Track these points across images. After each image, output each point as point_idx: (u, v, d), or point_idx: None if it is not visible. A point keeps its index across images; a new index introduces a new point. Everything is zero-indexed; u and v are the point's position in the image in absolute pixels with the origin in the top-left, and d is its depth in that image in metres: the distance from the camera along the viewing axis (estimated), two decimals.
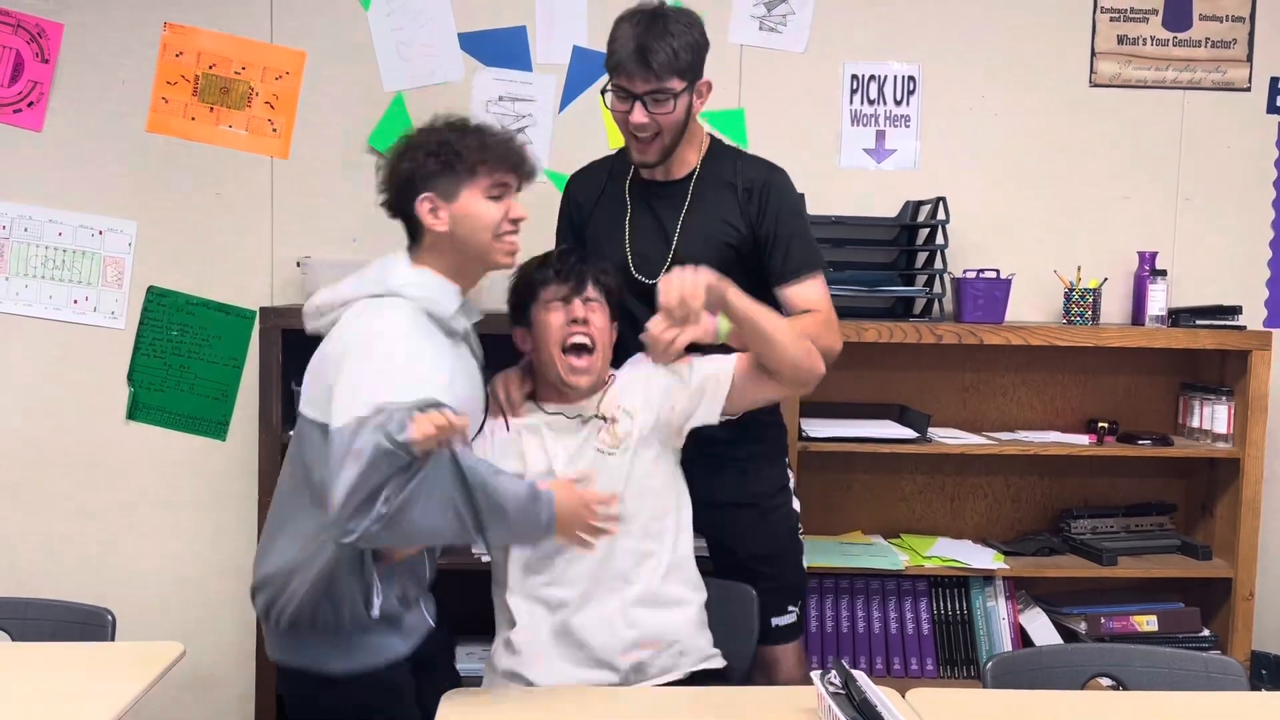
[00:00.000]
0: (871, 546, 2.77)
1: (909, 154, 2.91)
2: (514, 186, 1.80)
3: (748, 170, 2.06)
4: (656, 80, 1.90)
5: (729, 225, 2.03)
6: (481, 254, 1.78)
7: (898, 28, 2.87)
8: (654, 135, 1.95)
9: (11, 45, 2.74)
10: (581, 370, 1.90)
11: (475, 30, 2.80)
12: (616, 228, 2.09)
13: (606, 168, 2.17)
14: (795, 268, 2.02)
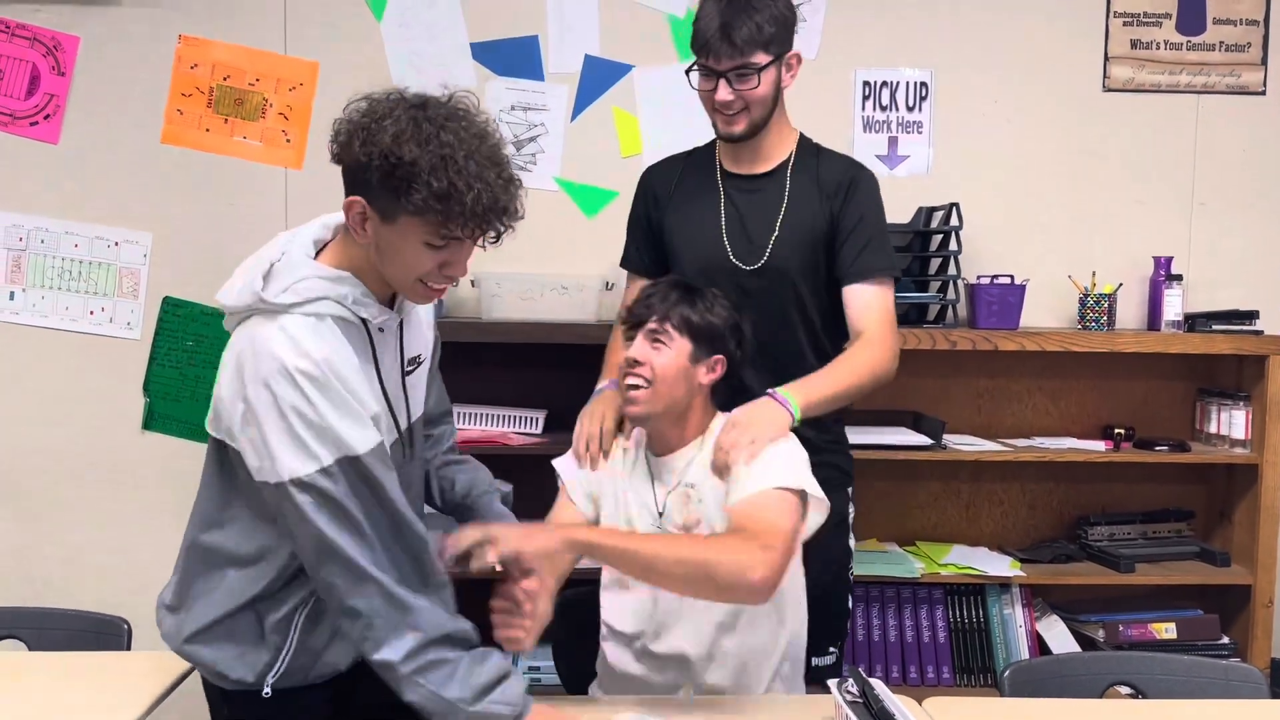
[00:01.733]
0: (887, 554, 2.76)
1: (921, 160, 2.90)
2: (469, 243, 1.46)
3: (833, 167, 2.04)
4: (741, 56, 1.87)
5: (817, 221, 2.01)
6: (396, 287, 1.50)
7: (909, 34, 2.87)
8: (741, 109, 1.93)
9: (28, 59, 2.76)
10: (630, 401, 1.80)
11: (487, 40, 2.81)
12: (710, 216, 2.04)
13: (683, 160, 2.14)
14: (864, 268, 1.99)
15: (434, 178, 1.36)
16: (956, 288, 2.73)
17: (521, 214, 1.45)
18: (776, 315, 2.02)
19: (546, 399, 2.69)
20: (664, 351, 1.79)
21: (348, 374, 1.43)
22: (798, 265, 2.01)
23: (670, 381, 1.79)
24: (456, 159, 1.37)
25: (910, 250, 2.78)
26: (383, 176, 1.37)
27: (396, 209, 1.39)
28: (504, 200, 1.41)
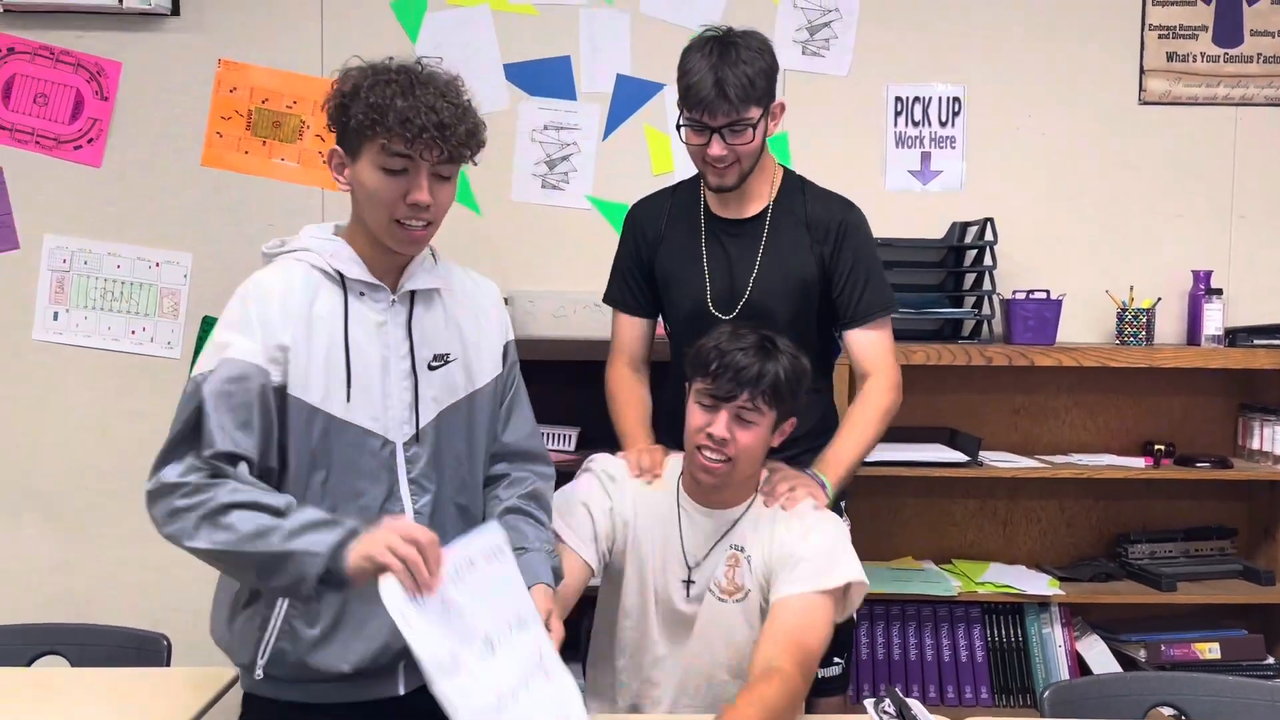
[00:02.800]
0: (923, 572, 2.73)
1: (955, 175, 2.89)
2: (422, 162, 1.47)
3: (820, 207, 2.03)
4: (736, 112, 1.86)
5: (803, 264, 2.01)
6: (378, 234, 1.52)
7: (941, 49, 2.86)
8: (732, 162, 1.93)
9: (72, 84, 2.82)
10: (711, 471, 1.74)
11: (520, 61, 2.84)
12: (693, 262, 2.04)
13: (669, 198, 2.13)
14: (864, 312, 2.01)
15: (370, 93, 1.45)
16: (991, 303, 2.71)
17: (479, 139, 1.51)
18: None
19: (579, 416, 2.70)
20: (752, 430, 1.73)
21: (272, 298, 1.48)
22: (779, 307, 2.00)
23: (752, 457, 1.75)
24: (396, 81, 1.46)
25: (943, 266, 2.77)
26: (338, 112, 1.49)
27: (355, 140, 1.48)
28: (446, 117, 1.45)
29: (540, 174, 2.87)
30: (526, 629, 1.46)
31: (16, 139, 2.83)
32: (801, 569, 1.71)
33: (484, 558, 1.45)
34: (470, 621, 1.39)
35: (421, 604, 1.35)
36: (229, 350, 1.45)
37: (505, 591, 1.47)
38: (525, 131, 2.85)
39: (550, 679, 1.45)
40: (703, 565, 1.79)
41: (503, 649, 1.41)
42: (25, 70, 2.82)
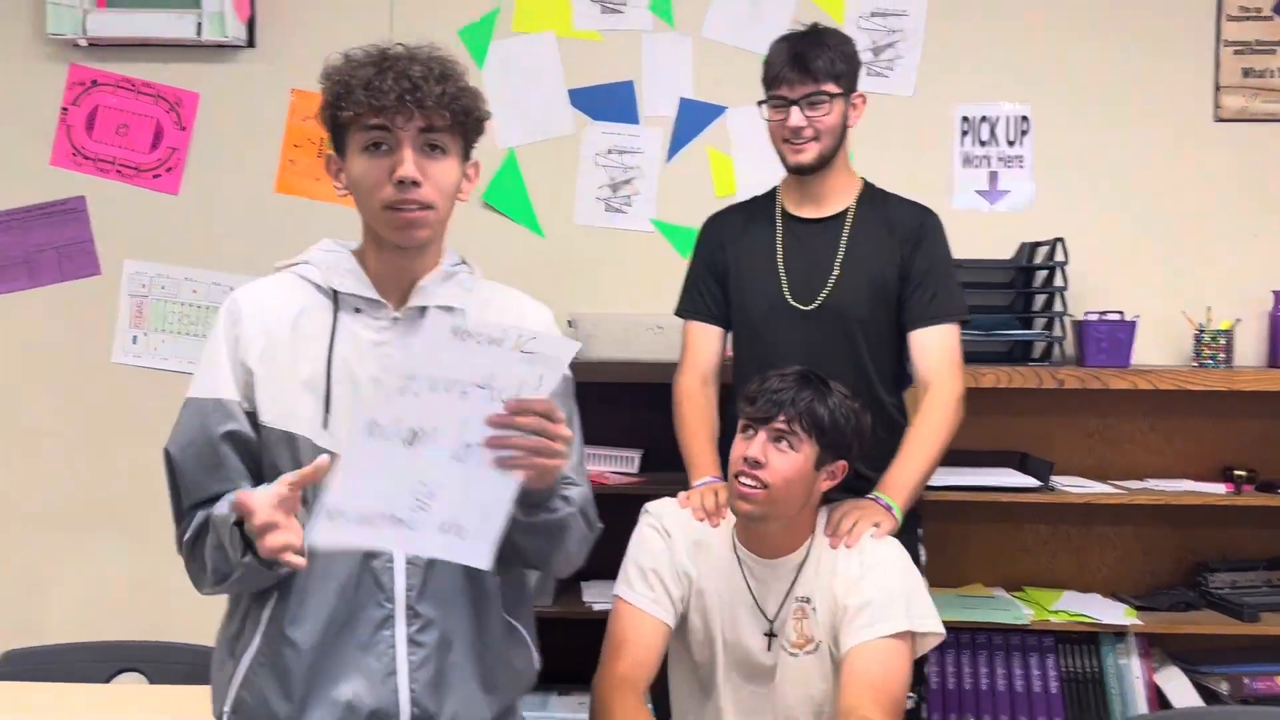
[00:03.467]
0: (993, 599, 2.67)
1: (1023, 195, 2.85)
2: (401, 133, 1.32)
3: (902, 211, 2.08)
4: (814, 83, 1.94)
5: (884, 264, 2.03)
6: (376, 227, 1.38)
7: (1009, 68, 2.83)
8: (811, 138, 1.98)
9: (152, 115, 2.91)
10: (745, 495, 1.69)
11: (584, 86, 2.87)
12: (769, 259, 2.07)
13: (743, 209, 2.18)
14: (934, 312, 2.02)
15: (336, 73, 1.36)
16: (1063, 325, 2.66)
17: (466, 104, 1.35)
18: (838, 356, 2.01)
19: (642, 439, 2.70)
20: (789, 456, 1.68)
21: (245, 316, 1.39)
22: (859, 307, 2.02)
23: (790, 488, 1.69)
24: (368, 59, 1.34)
25: (1013, 287, 2.72)
26: (323, 113, 1.38)
27: (338, 136, 1.38)
28: (419, 79, 1.30)
29: (604, 197, 2.88)
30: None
31: (99, 168, 2.93)
32: (870, 613, 1.67)
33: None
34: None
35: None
36: (192, 388, 1.40)
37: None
38: (589, 156, 2.87)
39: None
40: (777, 617, 1.76)
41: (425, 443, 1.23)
42: (108, 101, 2.91)
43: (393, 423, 1.22)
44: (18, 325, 2.94)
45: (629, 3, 2.86)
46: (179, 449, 1.39)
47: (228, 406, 1.37)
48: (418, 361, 1.22)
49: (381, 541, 1.28)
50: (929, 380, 2.00)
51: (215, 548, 1.32)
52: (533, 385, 1.24)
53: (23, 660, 1.99)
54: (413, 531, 1.24)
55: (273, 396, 1.36)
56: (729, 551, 1.78)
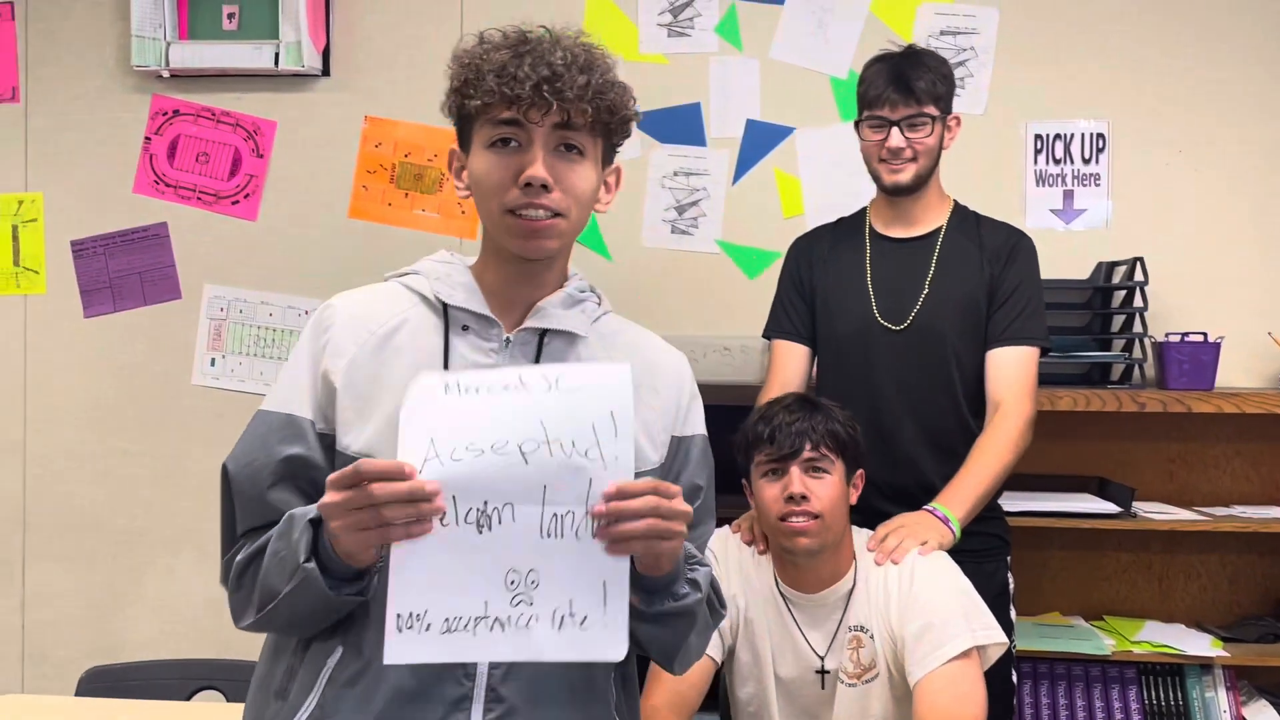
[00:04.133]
0: (1072, 629, 2.60)
1: (1100, 213, 2.78)
2: (534, 129, 1.15)
3: (994, 232, 2.08)
4: (916, 105, 1.95)
5: (975, 284, 2.03)
6: (495, 234, 1.21)
7: (1083, 85, 2.77)
8: (910, 159, 1.98)
9: (231, 143, 3.00)
10: (801, 530, 1.66)
11: (651, 110, 2.88)
12: (857, 278, 2.07)
13: (831, 229, 2.19)
14: (1015, 333, 2.01)
15: (468, 56, 1.18)
16: (1143, 346, 2.58)
17: (612, 102, 1.17)
18: (928, 376, 2.01)
19: None
20: (826, 480, 1.69)
21: (337, 324, 1.20)
22: (950, 326, 2.01)
23: (836, 512, 1.70)
24: (506, 43, 1.17)
25: (1090, 307, 2.66)
26: (449, 94, 1.21)
27: (464, 128, 1.21)
28: (560, 67, 1.13)
29: (670, 219, 2.89)
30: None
31: (180, 195, 3.01)
32: (932, 638, 1.64)
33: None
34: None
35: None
36: (266, 399, 1.22)
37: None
38: (655, 178, 2.88)
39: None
40: (829, 653, 1.73)
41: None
42: (189, 130, 3.00)
43: (448, 506, 1.01)
44: (104, 348, 3.03)
45: (696, 26, 2.87)
46: (238, 465, 1.20)
47: (299, 425, 1.18)
48: (433, 426, 1.02)
49: (482, 651, 1.03)
50: (1001, 399, 1.98)
51: (275, 555, 1.12)
52: (606, 428, 1.04)
53: (104, 677, 2.04)
54: (521, 632, 1.02)
55: (355, 419, 1.16)
56: (772, 589, 1.77)
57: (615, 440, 1.04)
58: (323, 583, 1.07)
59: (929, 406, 2.01)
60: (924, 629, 1.64)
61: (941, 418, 2.02)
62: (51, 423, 3.05)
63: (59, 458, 3.05)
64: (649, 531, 1.04)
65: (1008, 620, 2.01)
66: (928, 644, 1.63)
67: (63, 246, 3.04)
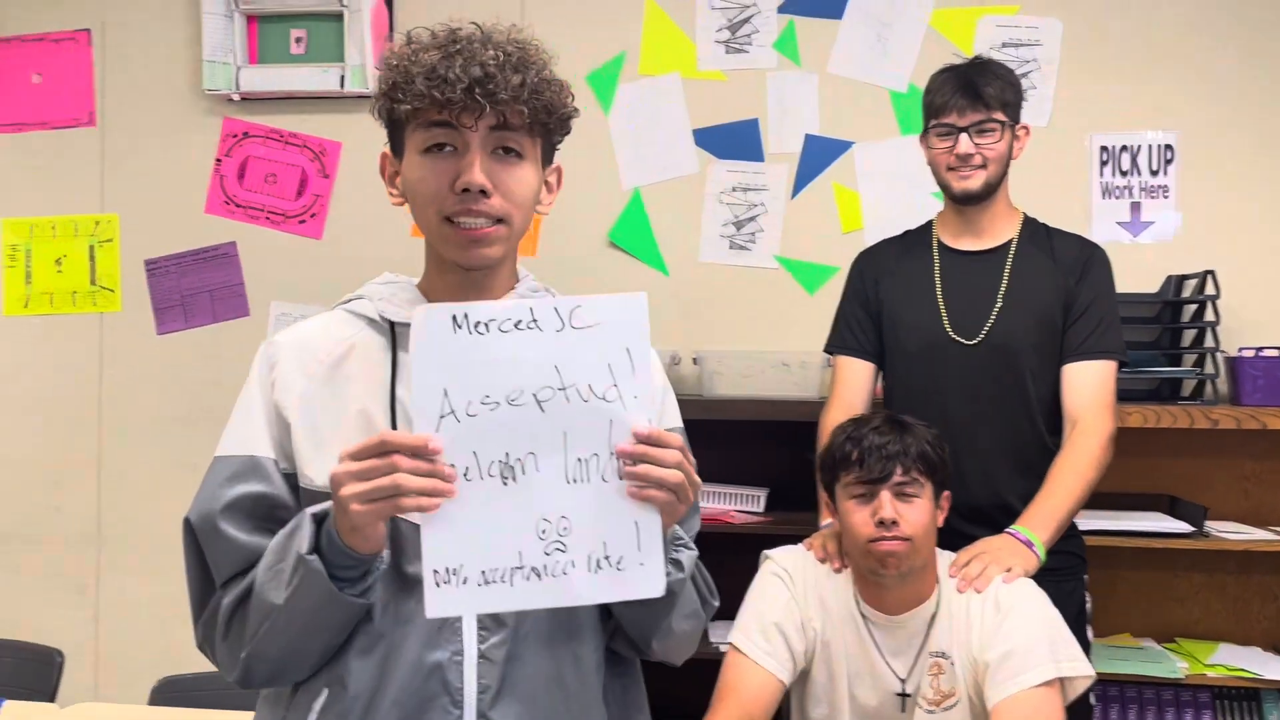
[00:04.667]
0: (1143, 651, 2.53)
1: (1168, 226, 2.72)
2: (468, 133, 1.09)
3: (1067, 244, 2.04)
4: (985, 110, 1.92)
5: (1050, 297, 1.99)
6: (434, 244, 1.16)
7: (1151, 96, 2.72)
8: (979, 165, 1.95)
9: (298, 164, 3.07)
10: (891, 553, 1.63)
11: (709, 126, 2.88)
12: (926, 292, 2.04)
13: (896, 242, 2.15)
14: (1092, 347, 1.97)
15: (394, 57, 1.12)
16: (1215, 361, 2.52)
17: (548, 99, 1.11)
18: (1003, 391, 1.96)
19: (768, 477, 2.67)
20: (917, 504, 1.65)
21: (282, 359, 1.16)
22: (1024, 340, 1.96)
23: (927, 535, 1.67)
24: (435, 43, 1.10)
25: (1159, 322, 2.60)
26: (378, 98, 1.15)
27: (395, 132, 1.16)
28: (493, 67, 1.07)
29: (728, 235, 2.89)
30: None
31: (249, 215, 3.09)
32: (1013, 664, 1.60)
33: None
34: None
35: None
36: (220, 444, 1.16)
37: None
38: (713, 194, 2.88)
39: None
40: (910, 676, 1.70)
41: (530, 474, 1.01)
42: (257, 152, 3.08)
43: (469, 461, 1.00)
44: (176, 363, 3.11)
45: (754, 42, 2.87)
46: (200, 519, 1.12)
47: (261, 465, 1.12)
48: (447, 374, 0.99)
49: (522, 600, 1.02)
50: (1080, 415, 1.93)
51: (270, 570, 1.06)
52: (623, 366, 1.01)
53: (176, 687, 2.09)
54: (558, 580, 1.01)
55: (314, 452, 1.11)
56: (851, 610, 1.74)
57: (633, 377, 1.02)
58: (325, 577, 1.02)
59: (1004, 422, 1.97)
60: (1006, 655, 1.61)
61: (1017, 434, 1.97)
62: (125, 437, 3.13)
63: (132, 471, 3.13)
64: (676, 484, 1.02)
65: (1085, 641, 1.95)
66: (1008, 670, 1.60)
67: (137, 265, 3.13)
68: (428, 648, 1.09)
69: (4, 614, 3.12)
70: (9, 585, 3.17)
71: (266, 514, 1.12)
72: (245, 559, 1.11)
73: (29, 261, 3.16)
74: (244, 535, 1.11)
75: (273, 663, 1.09)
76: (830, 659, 1.72)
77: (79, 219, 3.16)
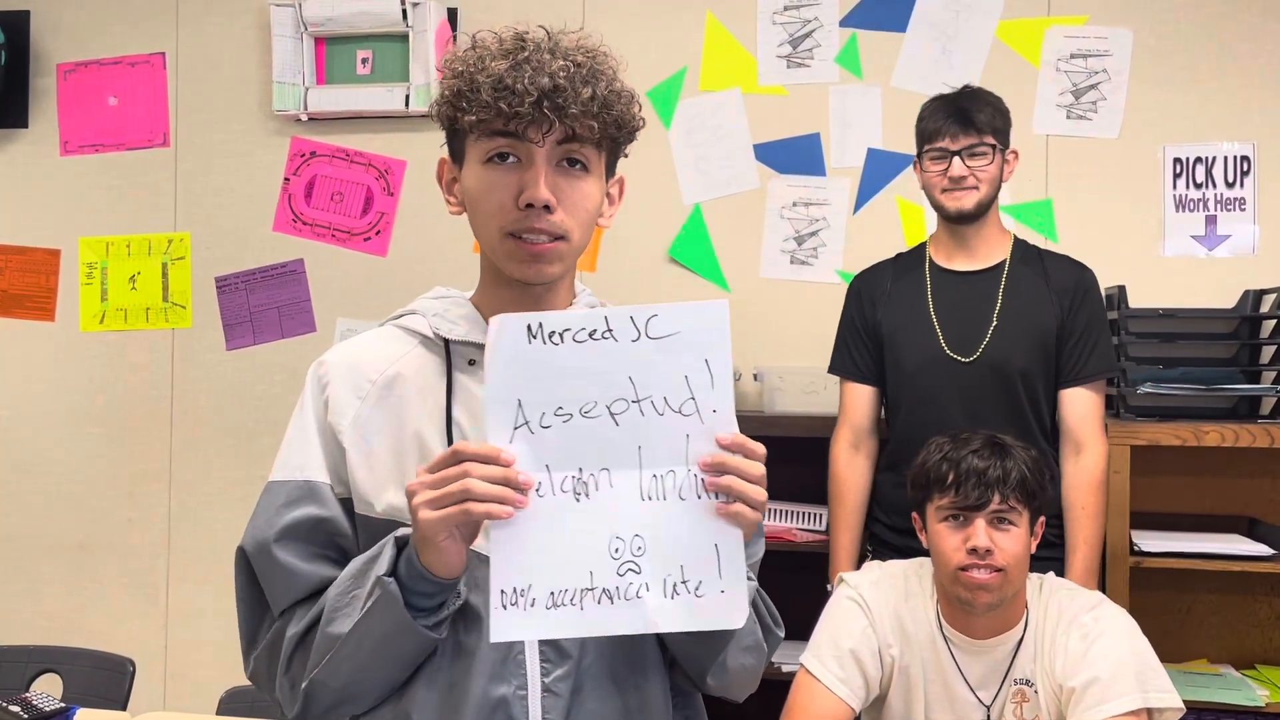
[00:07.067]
0: (1221, 678, 2.44)
1: (1246, 239, 2.65)
2: (534, 146, 1.05)
3: (1059, 267, 2.14)
4: (977, 134, 2.04)
5: (1045, 319, 2.08)
6: (495, 258, 1.11)
7: (1225, 106, 2.65)
8: (972, 186, 2.06)
9: (363, 182, 3.11)
10: (982, 585, 1.59)
11: (770, 141, 2.87)
12: (921, 312, 2.14)
13: (891, 264, 2.26)
14: (1092, 370, 2.08)
15: (464, 64, 1.06)
16: None
17: (619, 112, 1.07)
18: (999, 406, 2.05)
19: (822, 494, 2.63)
20: (1013, 533, 1.60)
21: (334, 380, 1.12)
22: (1020, 358, 2.06)
23: (1021, 565, 1.61)
24: (503, 49, 1.05)
25: (1236, 337, 2.52)
26: (440, 104, 1.10)
27: (457, 139, 1.11)
28: (562, 79, 1.03)
29: (789, 250, 2.87)
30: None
31: (316, 233, 3.15)
32: (1097, 691, 1.56)
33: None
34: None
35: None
36: (274, 470, 1.14)
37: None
38: (775, 209, 2.87)
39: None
40: (994, 702, 1.66)
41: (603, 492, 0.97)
42: (324, 171, 3.14)
43: (542, 475, 0.97)
44: (244, 379, 3.18)
45: (815, 57, 2.86)
46: (257, 546, 1.10)
47: (318, 490, 1.10)
48: (520, 385, 0.97)
49: (592, 626, 0.96)
50: (1082, 441, 2.08)
51: (344, 595, 1.04)
52: (701, 378, 0.97)
53: (243, 698, 2.11)
54: (632, 604, 0.96)
55: (370, 479, 1.09)
56: (934, 633, 1.69)
57: (712, 390, 0.97)
58: (400, 603, 0.99)
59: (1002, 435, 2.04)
60: (1091, 682, 1.57)
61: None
62: (195, 450, 3.20)
63: (201, 483, 3.19)
64: (762, 502, 0.97)
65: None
66: (1093, 697, 1.55)
67: (208, 282, 3.20)
68: (492, 681, 1.05)
69: (78, 623, 3.20)
70: (83, 595, 3.25)
71: (325, 540, 1.09)
72: (304, 587, 1.08)
73: (105, 279, 3.25)
74: (302, 562, 1.08)
75: (335, 692, 1.06)
76: (908, 685, 1.69)
77: (153, 237, 3.24)
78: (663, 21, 2.92)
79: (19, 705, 1.95)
